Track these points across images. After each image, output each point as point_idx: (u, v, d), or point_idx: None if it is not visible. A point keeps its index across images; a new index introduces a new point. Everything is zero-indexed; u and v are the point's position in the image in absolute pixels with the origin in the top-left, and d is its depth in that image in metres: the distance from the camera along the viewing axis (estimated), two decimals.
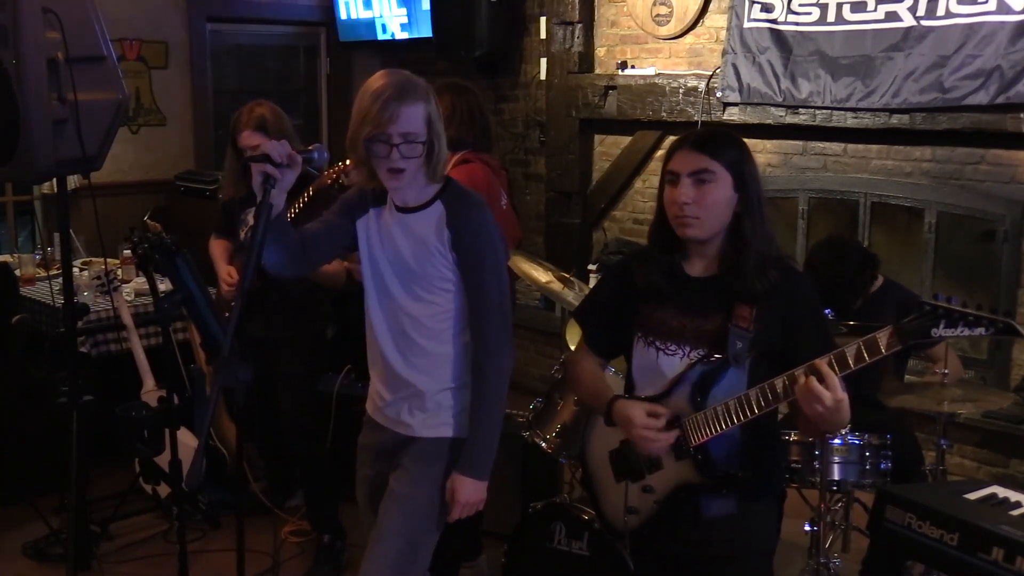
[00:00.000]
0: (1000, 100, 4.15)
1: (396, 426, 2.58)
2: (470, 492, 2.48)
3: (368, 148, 2.35)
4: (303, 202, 3.40)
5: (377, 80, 2.37)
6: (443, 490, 2.52)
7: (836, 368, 1.97)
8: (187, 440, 3.90)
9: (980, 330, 1.87)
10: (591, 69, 5.85)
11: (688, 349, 2.21)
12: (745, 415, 2.09)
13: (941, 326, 1.88)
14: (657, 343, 2.25)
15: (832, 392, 1.94)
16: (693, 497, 2.21)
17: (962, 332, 1.88)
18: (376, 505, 2.61)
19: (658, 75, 5.43)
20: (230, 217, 3.89)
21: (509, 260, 3.13)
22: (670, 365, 2.23)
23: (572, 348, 2.60)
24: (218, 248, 3.96)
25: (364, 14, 6.68)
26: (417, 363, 2.51)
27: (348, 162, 3.17)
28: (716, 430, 2.14)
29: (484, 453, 2.49)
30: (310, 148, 2.34)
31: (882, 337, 1.93)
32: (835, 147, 4.92)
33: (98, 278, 4.60)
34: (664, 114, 5.36)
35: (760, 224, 2.18)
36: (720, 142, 2.19)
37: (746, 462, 2.19)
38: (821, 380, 1.95)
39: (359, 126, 2.35)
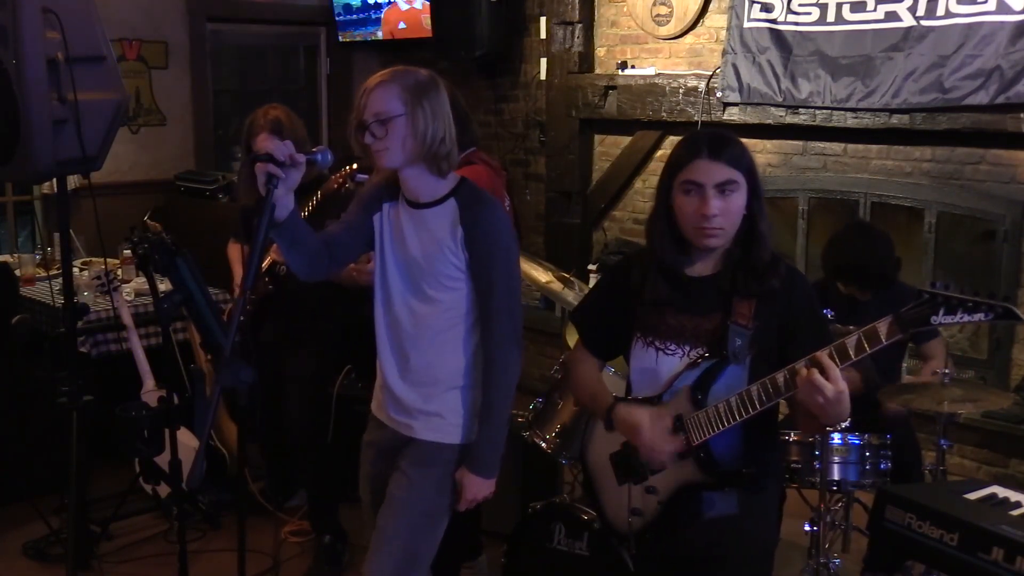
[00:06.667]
0: (1000, 100, 4.15)
1: (398, 425, 2.60)
2: (478, 489, 2.51)
3: (357, 141, 2.42)
4: (311, 207, 3.39)
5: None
6: (442, 494, 2.53)
7: (837, 359, 1.96)
8: (187, 440, 3.90)
9: (980, 316, 1.84)
10: (591, 69, 5.85)
11: (688, 348, 2.21)
12: (747, 411, 2.08)
13: (941, 313, 1.86)
14: (656, 343, 2.24)
15: (833, 383, 1.93)
16: (696, 496, 2.21)
17: (962, 319, 1.85)
18: (378, 503, 2.62)
19: (658, 75, 5.43)
20: (247, 222, 3.86)
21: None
22: (670, 365, 2.22)
23: (572, 348, 2.59)
24: (235, 252, 3.94)
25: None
26: (422, 364, 2.52)
27: (354, 166, 3.18)
28: (718, 428, 2.13)
29: (493, 451, 2.51)
30: (315, 150, 2.34)
31: (882, 326, 1.92)
32: (835, 147, 4.91)
33: (98, 278, 4.60)
34: (664, 114, 5.36)
35: (767, 221, 2.19)
36: (736, 149, 2.16)
37: (748, 457, 2.18)
38: (823, 372, 1.94)
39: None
